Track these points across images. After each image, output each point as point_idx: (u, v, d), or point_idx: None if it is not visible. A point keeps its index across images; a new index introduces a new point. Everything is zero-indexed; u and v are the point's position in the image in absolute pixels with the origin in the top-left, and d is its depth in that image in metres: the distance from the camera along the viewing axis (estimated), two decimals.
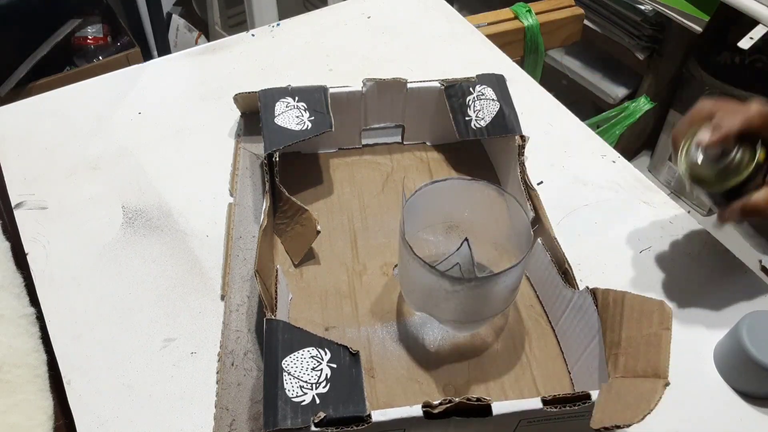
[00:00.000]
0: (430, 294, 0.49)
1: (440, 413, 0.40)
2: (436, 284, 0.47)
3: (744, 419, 0.51)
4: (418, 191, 0.50)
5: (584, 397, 0.41)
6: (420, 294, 0.50)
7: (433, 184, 0.51)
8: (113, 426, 0.48)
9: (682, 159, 0.50)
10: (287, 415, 0.40)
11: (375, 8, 0.88)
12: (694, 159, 0.49)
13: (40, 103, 0.73)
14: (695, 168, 0.50)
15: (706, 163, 0.49)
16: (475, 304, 0.49)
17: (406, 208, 0.49)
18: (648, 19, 1.28)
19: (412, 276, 0.49)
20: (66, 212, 0.62)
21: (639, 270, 0.59)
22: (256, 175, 0.65)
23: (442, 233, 0.56)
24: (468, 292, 0.47)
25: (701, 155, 0.49)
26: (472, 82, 0.64)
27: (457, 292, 0.47)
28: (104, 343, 0.53)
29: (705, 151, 0.49)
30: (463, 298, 0.48)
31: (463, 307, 0.49)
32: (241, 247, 0.59)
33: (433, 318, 0.51)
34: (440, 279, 0.46)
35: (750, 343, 0.49)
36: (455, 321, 0.51)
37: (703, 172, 0.49)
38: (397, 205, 0.62)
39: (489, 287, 0.48)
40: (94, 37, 1.43)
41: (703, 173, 0.49)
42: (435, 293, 0.48)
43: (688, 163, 0.50)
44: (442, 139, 0.69)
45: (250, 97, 0.67)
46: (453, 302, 0.48)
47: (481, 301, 0.49)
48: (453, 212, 0.55)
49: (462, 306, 0.49)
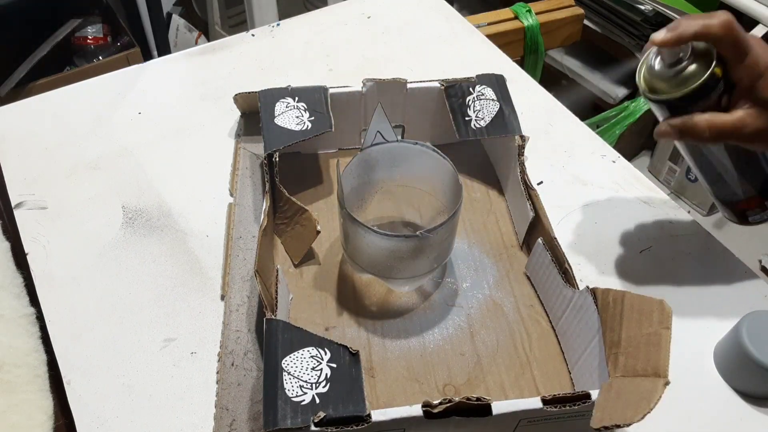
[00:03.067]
0: (371, 254, 0.51)
1: (440, 413, 0.40)
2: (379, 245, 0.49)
3: (744, 419, 0.51)
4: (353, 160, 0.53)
5: (584, 396, 0.41)
6: (362, 254, 0.53)
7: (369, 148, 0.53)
8: (113, 426, 0.48)
9: (641, 65, 0.49)
10: (287, 414, 0.40)
11: (375, 8, 0.88)
12: (651, 64, 0.48)
13: (40, 103, 0.73)
14: (650, 72, 0.48)
15: (660, 69, 0.47)
16: (411, 260, 0.51)
17: (343, 176, 0.51)
18: (648, 19, 1.28)
19: (352, 237, 0.52)
20: (66, 212, 0.62)
21: (639, 270, 0.59)
22: (256, 175, 0.65)
23: (379, 199, 0.59)
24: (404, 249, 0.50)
25: (658, 61, 0.47)
26: (472, 82, 0.64)
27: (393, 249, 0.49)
28: (104, 343, 0.53)
29: (660, 55, 0.47)
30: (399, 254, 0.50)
31: (403, 264, 0.51)
32: (241, 247, 0.59)
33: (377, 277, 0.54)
34: (380, 238, 0.48)
35: (750, 343, 0.49)
36: (395, 278, 0.54)
37: (656, 77, 0.47)
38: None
39: (423, 243, 0.49)
40: (94, 37, 1.44)
41: (655, 78, 0.47)
42: (377, 253, 0.51)
43: (645, 68, 0.48)
44: (442, 139, 0.69)
45: (250, 97, 0.67)
46: (392, 260, 0.51)
47: (417, 257, 0.51)
48: (388, 178, 0.57)
49: (401, 262, 0.51)
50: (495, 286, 0.57)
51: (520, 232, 0.60)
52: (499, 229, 0.62)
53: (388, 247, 0.50)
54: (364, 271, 0.55)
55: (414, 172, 0.56)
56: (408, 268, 0.52)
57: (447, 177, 0.53)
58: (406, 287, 0.56)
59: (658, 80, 0.47)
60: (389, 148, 0.54)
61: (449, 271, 0.58)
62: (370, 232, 0.48)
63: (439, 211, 0.56)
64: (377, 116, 0.54)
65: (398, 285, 0.56)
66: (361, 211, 0.58)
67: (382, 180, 0.57)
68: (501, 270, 0.58)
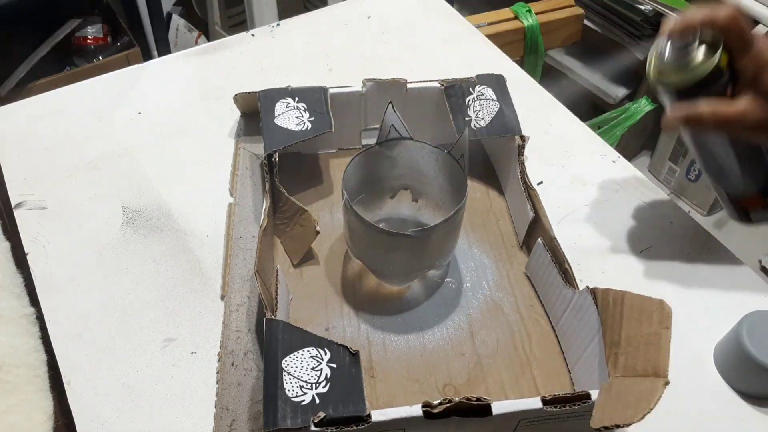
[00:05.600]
0: (369, 247, 0.52)
1: (440, 413, 0.40)
2: (377, 239, 0.50)
3: (744, 419, 0.51)
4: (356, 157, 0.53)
5: (584, 396, 0.41)
6: (360, 246, 0.53)
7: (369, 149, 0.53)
8: (113, 426, 0.48)
9: (651, 54, 0.50)
10: (287, 414, 0.40)
11: (375, 8, 0.88)
12: (661, 52, 0.49)
13: (40, 103, 0.73)
14: (660, 60, 0.49)
15: (669, 57, 0.48)
16: (412, 257, 0.51)
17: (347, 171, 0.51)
18: (648, 19, 1.28)
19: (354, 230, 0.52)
20: (66, 212, 0.62)
21: (639, 270, 0.59)
22: (256, 175, 0.65)
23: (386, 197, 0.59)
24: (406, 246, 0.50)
25: (668, 48, 0.49)
26: (472, 83, 0.64)
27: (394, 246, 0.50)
28: (104, 343, 0.53)
29: (669, 42, 0.48)
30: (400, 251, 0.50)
31: (400, 261, 0.52)
32: (241, 247, 0.59)
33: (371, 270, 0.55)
34: (380, 235, 0.49)
35: (750, 343, 0.49)
36: (390, 275, 0.55)
37: (665, 65, 0.48)
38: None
39: (424, 241, 0.50)
40: (94, 37, 1.44)
41: (665, 66, 0.49)
42: (373, 247, 0.51)
43: (655, 56, 0.49)
44: (442, 139, 0.69)
45: (250, 97, 0.67)
46: (390, 255, 0.52)
47: (418, 255, 0.51)
48: (397, 175, 0.57)
49: (398, 259, 0.52)
50: (495, 286, 0.57)
51: (520, 232, 0.60)
52: (499, 229, 0.62)
53: (385, 242, 0.50)
54: (362, 263, 0.55)
55: (422, 171, 0.56)
56: (404, 265, 0.53)
57: (455, 179, 0.53)
58: (399, 284, 0.57)
59: (666, 68, 0.48)
60: (398, 145, 0.55)
61: (449, 271, 0.58)
62: (371, 228, 0.49)
63: (444, 211, 0.57)
64: (390, 113, 0.54)
65: (392, 281, 0.56)
66: (366, 205, 0.58)
67: (388, 177, 0.57)
68: (501, 270, 0.58)
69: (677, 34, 0.47)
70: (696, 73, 0.47)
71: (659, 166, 1.54)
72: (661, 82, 0.49)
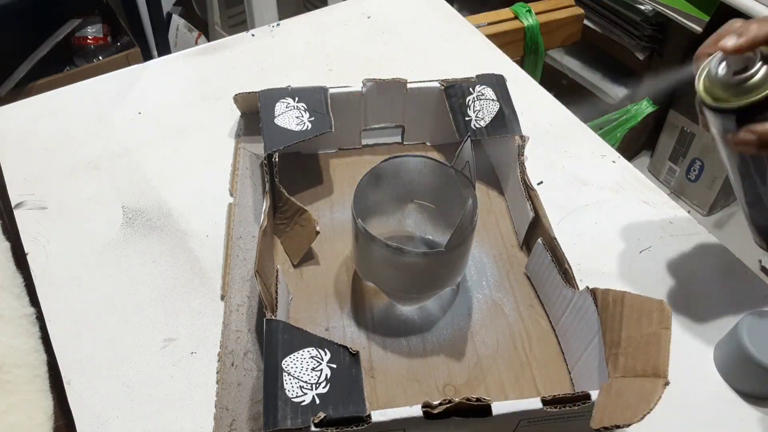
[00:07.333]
0: (379, 266, 0.51)
1: (440, 413, 0.40)
2: (388, 258, 0.49)
3: (744, 419, 0.51)
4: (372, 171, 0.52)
5: (584, 397, 0.41)
6: (370, 265, 0.52)
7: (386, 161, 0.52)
8: (113, 426, 0.48)
9: (700, 74, 0.46)
10: (287, 415, 0.40)
11: (375, 8, 0.88)
12: (714, 72, 0.45)
13: (40, 103, 0.73)
14: (712, 81, 0.45)
15: (725, 77, 0.44)
16: (422, 277, 0.50)
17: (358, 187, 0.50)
18: (648, 19, 1.28)
19: (363, 249, 0.51)
20: (66, 212, 0.62)
21: (639, 270, 0.59)
22: (256, 175, 0.65)
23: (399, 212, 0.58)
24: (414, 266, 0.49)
25: (722, 67, 0.44)
26: (472, 82, 0.64)
27: (403, 265, 0.49)
28: (104, 343, 0.53)
29: (726, 61, 0.44)
30: (409, 271, 0.49)
31: (409, 281, 0.51)
32: (241, 247, 0.59)
33: (381, 289, 0.53)
34: (393, 254, 0.47)
35: (750, 343, 0.49)
36: (400, 294, 0.54)
37: (720, 85, 0.44)
38: None
39: (437, 262, 0.49)
40: (94, 37, 1.44)
41: (719, 87, 0.44)
42: (384, 266, 0.50)
43: (706, 76, 0.45)
44: (442, 139, 0.69)
45: (250, 97, 0.67)
46: (400, 274, 0.50)
47: (428, 275, 0.50)
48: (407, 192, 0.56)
49: (407, 279, 0.51)
50: (495, 286, 0.57)
51: (520, 232, 0.60)
52: (499, 229, 0.62)
53: (398, 263, 0.49)
54: (375, 285, 0.54)
55: (435, 191, 0.55)
56: (416, 285, 0.51)
57: (461, 194, 0.52)
58: (412, 304, 0.55)
59: (722, 88, 0.45)
60: (408, 163, 0.53)
61: None
62: (383, 246, 0.47)
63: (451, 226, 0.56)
64: (467, 148, 0.54)
65: (404, 302, 0.55)
66: (376, 224, 0.56)
67: (399, 195, 0.56)
68: (501, 270, 0.58)
69: (742, 53, 0.43)
70: (761, 93, 0.43)
71: (659, 166, 1.54)
72: (717, 102, 0.45)
